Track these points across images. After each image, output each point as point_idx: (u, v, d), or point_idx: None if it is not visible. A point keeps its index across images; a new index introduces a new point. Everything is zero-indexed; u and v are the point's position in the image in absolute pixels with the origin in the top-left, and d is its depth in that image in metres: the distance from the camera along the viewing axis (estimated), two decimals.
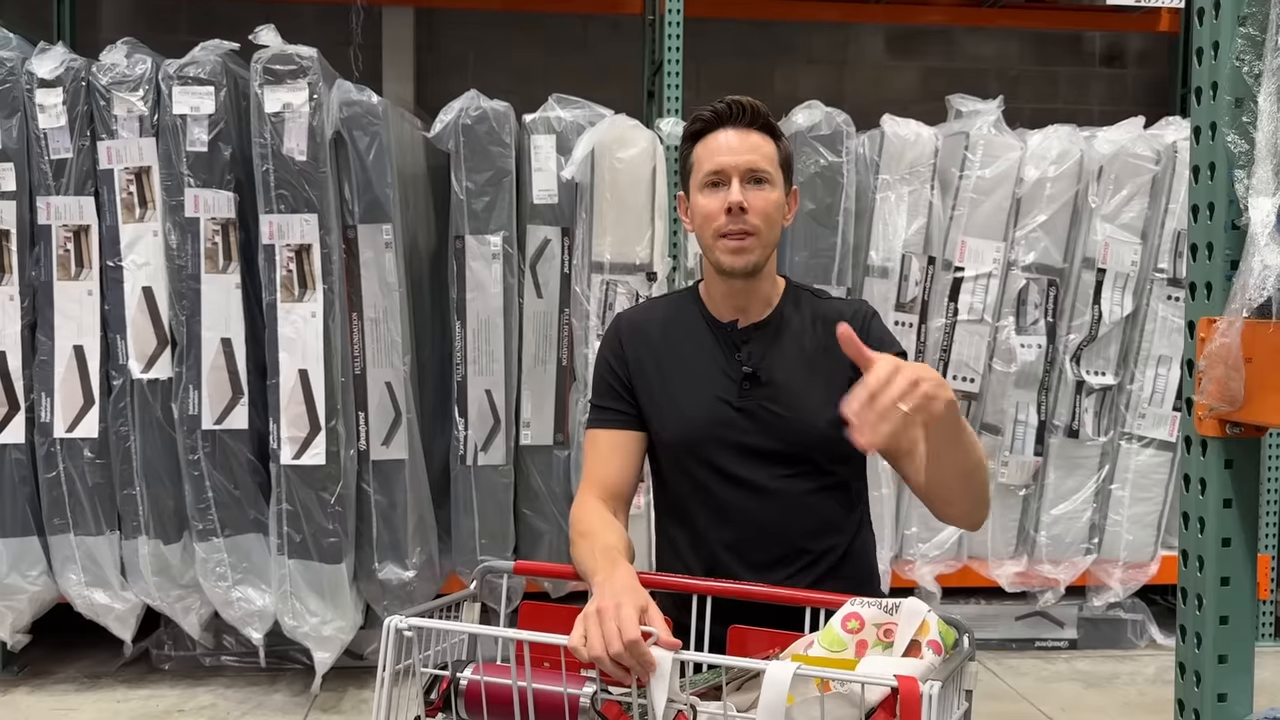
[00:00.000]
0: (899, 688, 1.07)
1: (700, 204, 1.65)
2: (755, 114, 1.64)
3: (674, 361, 1.67)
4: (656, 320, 1.74)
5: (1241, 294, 1.14)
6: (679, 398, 1.65)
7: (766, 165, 1.63)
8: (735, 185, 1.61)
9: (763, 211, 1.62)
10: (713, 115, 1.65)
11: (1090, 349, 3.44)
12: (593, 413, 1.73)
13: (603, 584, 1.35)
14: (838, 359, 1.66)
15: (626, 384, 1.70)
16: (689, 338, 1.70)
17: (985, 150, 3.34)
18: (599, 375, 1.73)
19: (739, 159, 1.61)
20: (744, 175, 1.61)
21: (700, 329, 1.70)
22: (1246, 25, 1.18)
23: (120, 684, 3.19)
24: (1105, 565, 3.53)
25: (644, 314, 1.80)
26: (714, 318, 1.71)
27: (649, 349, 1.70)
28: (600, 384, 1.72)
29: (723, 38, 4.73)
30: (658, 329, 1.72)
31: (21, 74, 2.95)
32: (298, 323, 2.91)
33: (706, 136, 1.65)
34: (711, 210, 1.62)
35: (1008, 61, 5.02)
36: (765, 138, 1.65)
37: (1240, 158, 1.18)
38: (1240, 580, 1.24)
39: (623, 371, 1.70)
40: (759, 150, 1.63)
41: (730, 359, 1.66)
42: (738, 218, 1.60)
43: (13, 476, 3.02)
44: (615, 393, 1.69)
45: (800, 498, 1.63)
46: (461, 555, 3.23)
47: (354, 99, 2.95)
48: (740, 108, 1.64)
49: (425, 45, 4.75)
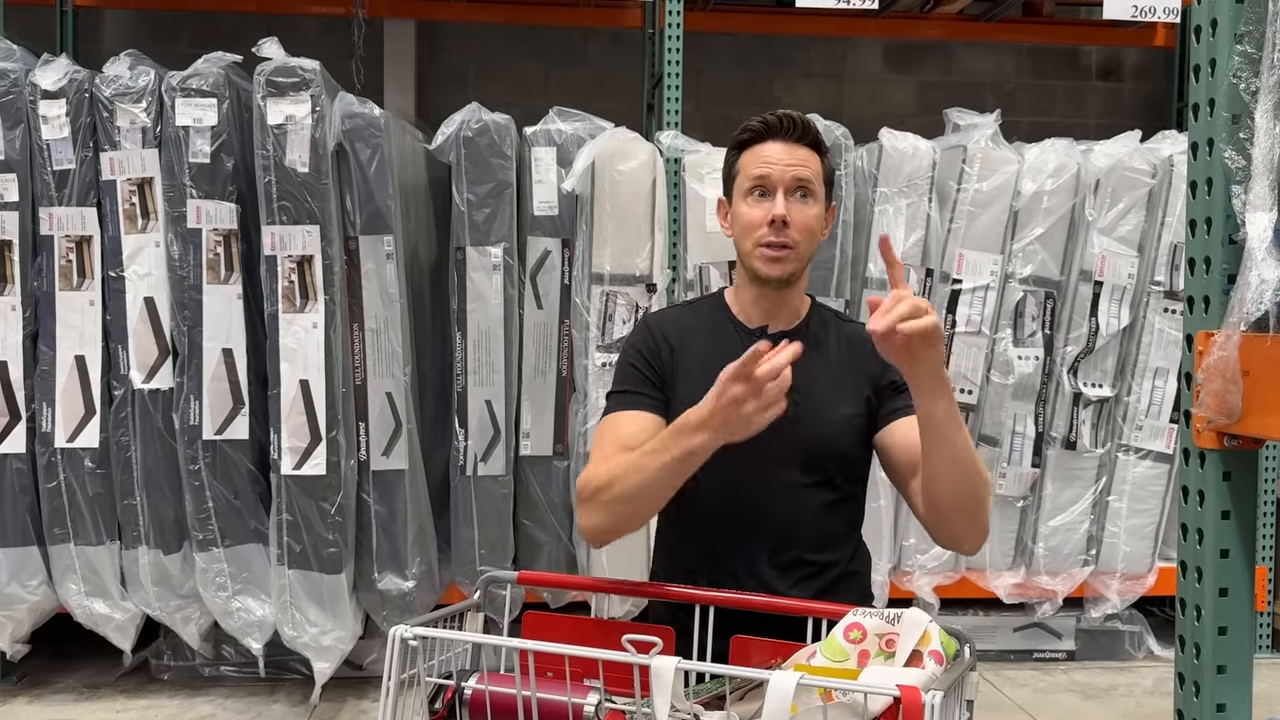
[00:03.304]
0: (901, 697, 1.08)
1: (743, 211, 1.66)
2: (805, 129, 1.66)
3: (699, 363, 1.67)
4: (685, 322, 1.75)
5: (1239, 308, 1.15)
6: (700, 395, 1.66)
7: (812, 179, 1.65)
8: (780, 198, 1.62)
9: (804, 226, 1.64)
10: (762, 126, 1.67)
11: (1087, 361, 3.45)
12: (615, 400, 1.69)
13: (689, 416, 1.43)
14: (859, 378, 1.69)
15: (659, 372, 1.69)
16: (716, 341, 1.70)
17: (983, 163, 3.36)
18: (626, 365, 1.71)
19: (785, 171, 1.63)
20: (789, 187, 1.63)
21: (728, 333, 1.71)
22: (1243, 43, 1.19)
23: (119, 694, 3.19)
24: (1103, 576, 3.54)
25: (672, 314, 1.81)
26: (742, 323, 1.72)
27: (679, 346, 1.71)
28: (628, 373, 1.70)
29: (722, 51, 4.76)
30: (687, 330, 1.73)
31: (25, 85, 2.97)
32: (299, 333, 2.92)
33: (754, 146, 1.67)
34: (754, 219, 1.64)
35: (1005, 76, 5.05)
36: (812, 153, 1.66)
37: (1237, 173, 1.20)
38: (1239, 591, 1.25)
39: (655, 360, 1.69)
40: (806, 164, 1.65)
41: None
42: (780, 230, 1.62)
43: (13, 486, 3.03)
44: (647, 380, 1.68)
45: (811, 509, 1.64)
46: (461, 565, 3.24)
47: (356, 111, 2.96)
48: (791, 122, 1.66)
49: (427, 58, 4.77)
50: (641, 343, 1.72)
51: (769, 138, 1.66)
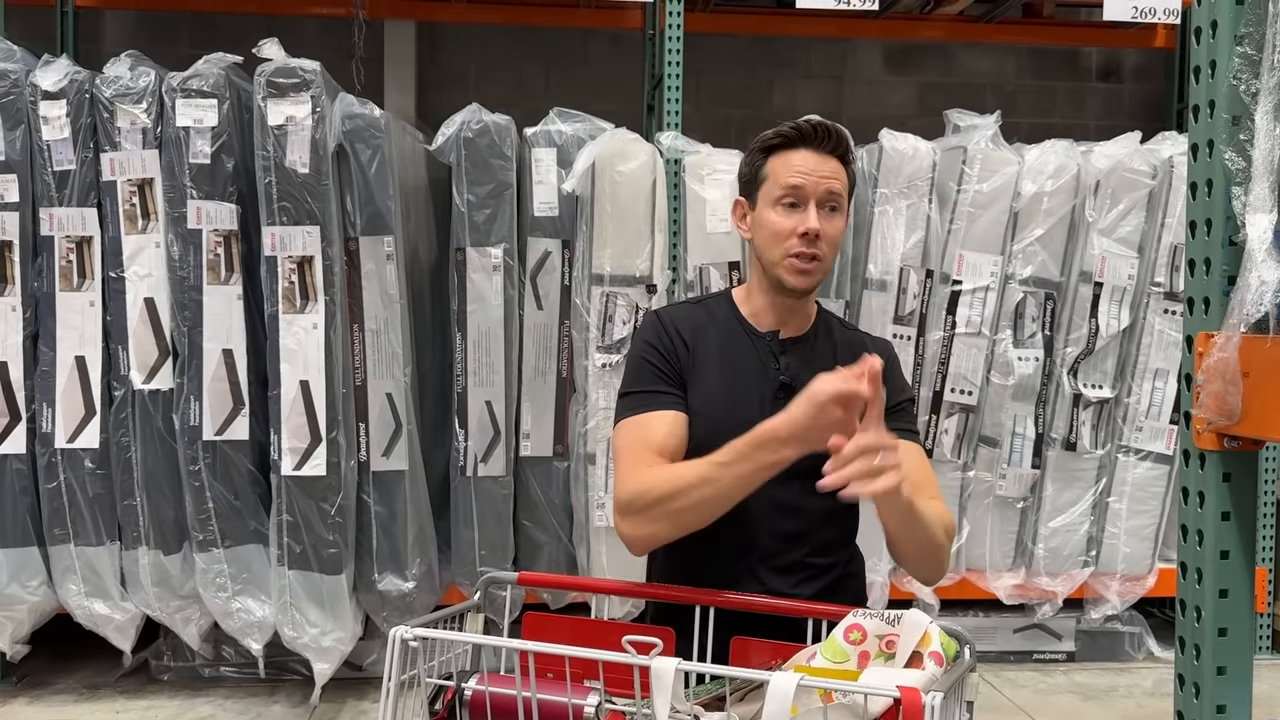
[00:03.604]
0: (901, 699, 1.08)
1: (772, 219, 1.64)
2: (839, 141, 1.64)
3: (713, 363, 1.67)
4: (698, 320, 1.73)
5: (1239, 309, 1.15)
6: (712, 398, 1.65)
7: (841, 193, 1.64)
8: (813, 210, 1.61)
9: (833, 240, 1.64)
10: (795, 133, 1.64)
11: (1087, 362, 3.45)
12: (635, 400, 1.65)
13: (776, 430, 1.43)
14: None
15: (676, 369, 1.66)
16: (726, 341, 1.69)
17: (983, 165, 3.36)
18: (642, 362, 1.67)
19: (819, 183, 1.61)
20: (821, 199, 1.62)
21: (738, 335, 1.70)
22: (1244, 45, 1.20)
23: (119, 695, 3.19)
24: (1103, 578, 3.54)
25: (684, 312, 1.77)
26: (752, 326, 1.71)
27: (694, 343, 1.69)
28: (644, 370, 1.66)
29: (722, 52, 4.76)
30: (700, 328, 1.71)
31: (25, 86, 2.97)
32: (299, 334, 2.92)
33: (785, 152, 1.64)
34: (785, 229, 1.62)
35: (1005, 77, 5.05)
36: (841, 165, 1.65)
37: (1237, 175, 1.20)
38: (1239, 592, 1.25)
39: (672, 357, 1.66)
40: (837, 177, 1.63)
41: (768, 368, 1.66)
42: (812, 243, 1.61)
43: (13, 487, 3.03)
44: (665, 377, 1.65)
45: (813, 517, 1.64)
46: (461, 566, 3.24)
47: (356, 112, 2.96)
48: (825, 131, 1.63)
49: (427, 59, 4.78)
50: (657, 340, 1.68)
51: (801, 145, 1.63)
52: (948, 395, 3.41)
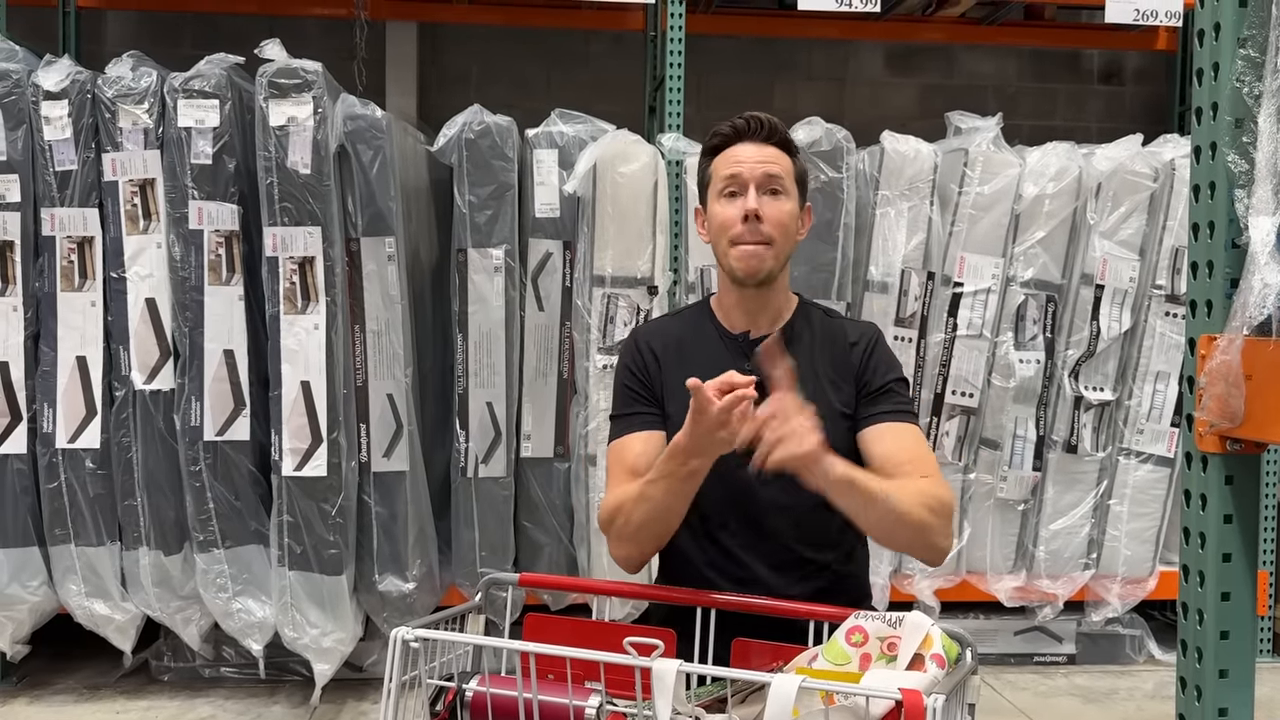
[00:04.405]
0: (903, 701, 1.08)
1: (716, 212, 1.68)
2: (773, 130, 1.68)
3: (683, 369, 1.68)
4: (670, 333, 1.77)
5: (1242, 312, 1.15)
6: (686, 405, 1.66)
7: (782, 175, 1.66)
8: (751, 193, 1.64)
9: (777, 221, 1.65)
10: (731, 130, 1.69)
11: (1088, 365, 3.45)
12: (617, 425, 1.73)
13: (679, 443, 1.47)
14: (844, 376, 1.69)
15: (649, 387, 1.72)
16: (701, 348, 1.72)
17: (984, 167, 3.36)
18: (620, 386, 1.75)
19: (756, 168, 1.65)
20: (760, 184, 1.65)
21: (712, 339, 1.73)
22: (1246, 47, 1.20)
23: (119, 695, 3.19)
24: (1103, 580, 3.54)
25: (658, 327, 1.83)
26: (725, 329, 1.73)
27: (666, 358, 1.73)
28: (622, 394, 1.74)
29: (724, 54, 4.76)
30: (672, 341, 1.75)
31: (27, 86, 2.97)
32: (300, 335, 2.92)
33: (725, 150, 1.69)
34: (727, 218, 1.65)
35: (1006, 79, 5.04)
36: (781, 152, 1.68)
37: (1240, 177, 1.20)
38: (1241, 595, 1.25)
39: (644, 376, 1.72)
40: (776, 162, 1.67)
41: (740, 369, 1.67)
42: (754, 226, 1.63)
43: (14, 487, 3.02)
44: (641, 398, 1.71)
45: (803, 507, 1.64)
46: (462, 567, 3.24)
47: (358, 113, 2.96)
48: (758, 123, 1.68)
49: (428, 60, 4.77)
50: (631, 361, 1.75)
51: (739, 140, 1.68)
52: (949, 397, 3.41)
